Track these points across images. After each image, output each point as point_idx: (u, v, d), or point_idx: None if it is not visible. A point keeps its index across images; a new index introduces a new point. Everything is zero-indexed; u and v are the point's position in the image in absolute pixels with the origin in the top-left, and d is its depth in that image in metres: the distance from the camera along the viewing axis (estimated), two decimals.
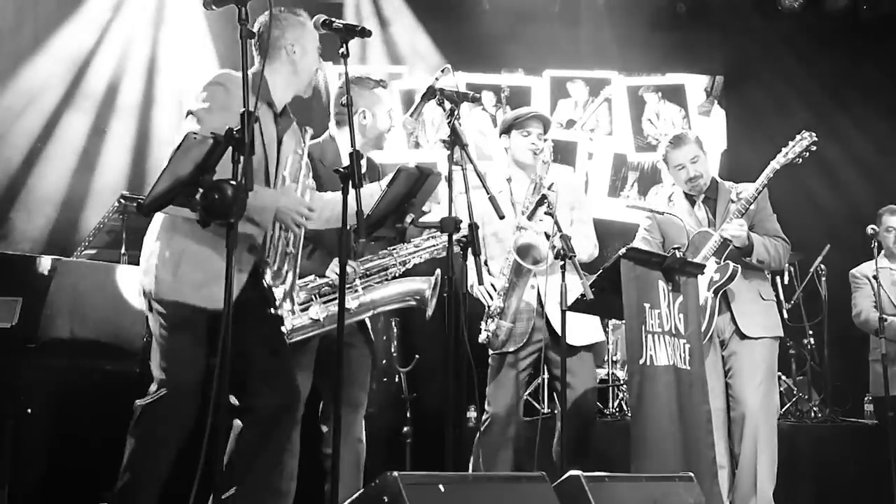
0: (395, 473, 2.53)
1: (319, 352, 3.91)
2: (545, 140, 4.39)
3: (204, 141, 2.52)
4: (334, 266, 3.81)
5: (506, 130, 4.49)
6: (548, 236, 4.12)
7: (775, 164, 4.44)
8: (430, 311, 3.95)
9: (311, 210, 3.28)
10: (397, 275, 3.94)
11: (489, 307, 4.27)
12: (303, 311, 3.74)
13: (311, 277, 3.80)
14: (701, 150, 4.61)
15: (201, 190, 2.54)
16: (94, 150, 6.66)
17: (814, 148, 4.45)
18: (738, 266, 4.38)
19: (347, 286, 3.75)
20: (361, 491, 2.65)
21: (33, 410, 4.14)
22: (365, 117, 4.02)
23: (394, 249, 3.91)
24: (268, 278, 3.29)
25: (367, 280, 3.87)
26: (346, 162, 3.87)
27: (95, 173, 6.60)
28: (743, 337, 4.43)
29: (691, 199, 4.64)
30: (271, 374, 3.31)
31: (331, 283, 3.79)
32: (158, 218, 3.24)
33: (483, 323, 4.29)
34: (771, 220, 4.62)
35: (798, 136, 4.48)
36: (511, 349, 4.27)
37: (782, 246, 4.53)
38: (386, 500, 2.50)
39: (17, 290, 4.04)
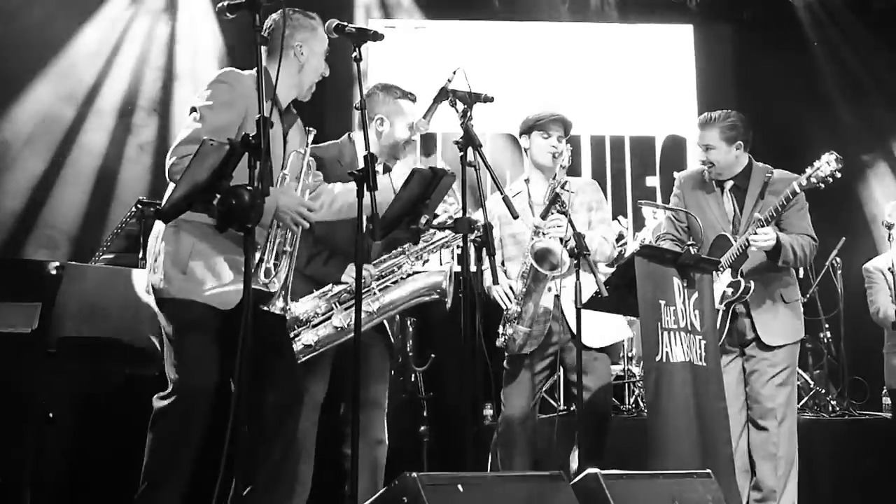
0: (415, 474, 2.55)
1: (338, 355, 3.90)
2: (566, 144, 4.38)
3: (220, 147, 2.54)
4: (350, 271, 3.81)
5: (526, 131, 4.47)
6: (563, 241, 4.12)
7: (796, 186, 4.19)
8: (449, 302, 3.94)
9: (311, 210, 3.27)
10: (411, 272, 3.92)
11: (507, 311, 4.27)
12: (325, 320, 3.75)
13: (329, 286, 3.81)
14: (723, 141, 4.42)
15: (219, 196, 2.56)
16: (115, 155, 6.75)
17: (839, 175, 4.15)
18: (751, 284, 4.28)
19: (364, 290, 3.77)
20: (381, 492, 2.67)
21: (54, 415, 4.17)
22: (382, 125, 4.00)
23: (404, 248, 3.90)
24: (260, 275, 3.24)
25: (383, 281, 3.87)
26: (361, 164, 3.95)
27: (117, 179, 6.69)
28: (762, 345, 4.35)
29: (721, 187, 4.52)
30: (274, 374, 3.31)
31: (349, 289, 3.79)
32: None
33: (500, 327, 4.29)
34: (800, 215, 4.44)
35: (823, 159, 4.17)
36: (527, 351, 4.28)
37: (809, 244, 4.37)
38: (405, 501, 2.52)
39: (35, 296, 4.08)
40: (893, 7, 7.71)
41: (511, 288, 4.27)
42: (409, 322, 6.18)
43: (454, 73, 3.57)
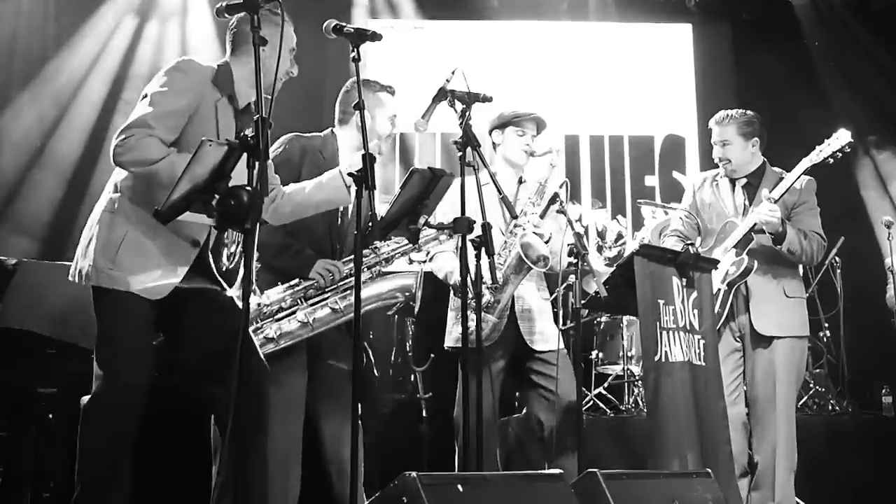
0: (414, 474, 2.55)
1: (310, 354, 3.86)
2: (557, 150, 4.37)
3: (219, 147, 2.54)
4: (318, 267, 3.75)
5: (500, 126, 4.44)
6: (546, 241, 4.12)
7: (807, 162, 4.27)
8: (417, 307, 3.89)
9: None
10: (381, 272, 3.86)
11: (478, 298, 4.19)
12: (290, 314, 3.69)
13: (296, 281, 3.73)
14: (740, 136, 4.46)
15: (217, 196, 2.56)
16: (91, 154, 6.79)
17: (848, 149, 4.26)
18: (755, 262, 4.28)
19: (331, 287, 3.73)
20: (381, 491, 2.67)
21: (54, 416, 4.17)
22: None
23: (375, 248, 3.83)
24: (223, 259, 3.27)
25: (353, 279, 3.80)
26: (343, 160, 3.91)
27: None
28: (760, 336, 4.34)
29: (733, 183, 4.54)
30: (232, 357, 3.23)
31: (316, 285, 3.73)
32: (102, 200, 3.19)
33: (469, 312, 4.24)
34: (811, 215, 4.45)
35: (834, 135, 4.29)
36: (487, 344, 4.14)
37: (817, 242, 4.36)
38: (405, 501, 2.52)
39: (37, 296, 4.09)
40: (892, 6, 7.72)
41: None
42: (408, 322, 6.18)
43: (453, 72, 3.56)
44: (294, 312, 3.70)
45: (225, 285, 3.32)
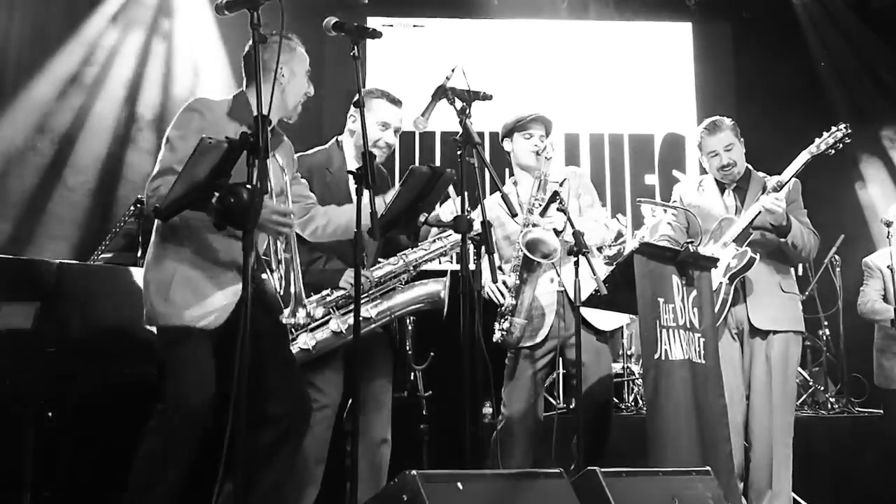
0: (414, 472, 2.56)
1: (346, 357, 3.89)
2: (551, 143, 4.38)
3: (219, 145, 2.54)
4: (348, 276, 3.79)
5: (507, 134, 4.48)
6: (557, 232, 4.12)
7: (807, 154, 4.31)
8: (444, 312, 3.95)
9: (290, 214, 3.23)
10: (409, 279, 3.95)
11: (501, 306, 4.26)
12: (323, 324, 3.75)
13: (327, 291, 3.79)
14: (736, 138, 4.50)
15: (217, 194, 2.56)
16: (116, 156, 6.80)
17: (848, 140, 4.33)
18: (756, 255, 4.29)
19: (364, 295, 3.76)
20: (381, 489, 2.68)
21: (53, 415, 4.17)
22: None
23: (403, 255, 3.91)
24: (276, 284, 3.33)
25: (382, 287, 3.88)
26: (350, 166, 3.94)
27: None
28: (756, 330, 4.35)
29: (721, 187, 4.56)
30: (281, 384, 3.32)
31: (347, 294, 3.78)
32: (151, 248, 3.29)
33: (496, 322, 4.28)
34: (801, 213, 4.49)
35: (833, 128, 4.34)
36: (528, 345, 4.27)
37: (813, 237, 4.41)
38: (405, 499, 2.52)
39: (34, 295, 4.08)
40: (891, 5, 7.73)
41: (504, 283, 4.25)
42: (408, 320, 6.16)
43: (453, 70, 3.56)
44: (327, 322, 3.76)
45: (279, 309, 3.36)
